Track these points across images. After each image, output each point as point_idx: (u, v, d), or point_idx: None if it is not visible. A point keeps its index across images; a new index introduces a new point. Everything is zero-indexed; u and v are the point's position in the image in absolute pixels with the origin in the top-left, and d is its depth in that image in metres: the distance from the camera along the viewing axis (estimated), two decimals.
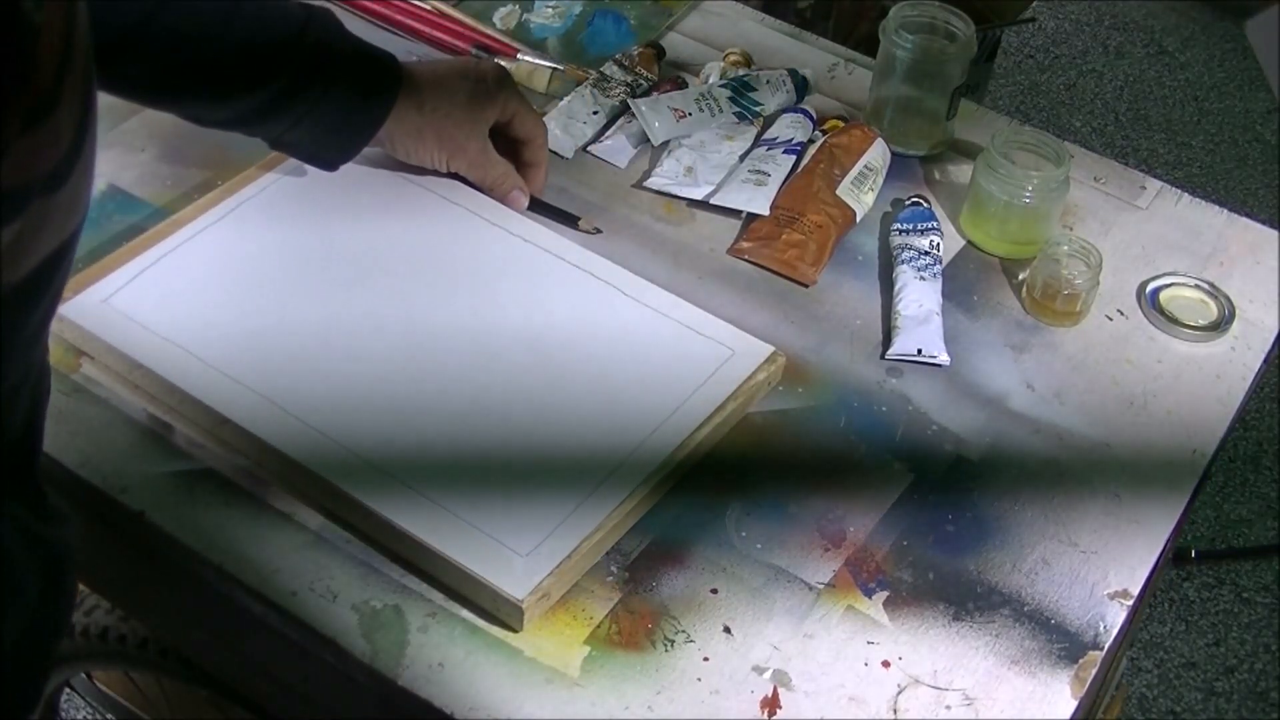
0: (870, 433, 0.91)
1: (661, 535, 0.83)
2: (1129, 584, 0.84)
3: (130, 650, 1.09)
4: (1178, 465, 0.91)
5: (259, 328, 0.89)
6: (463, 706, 0.74)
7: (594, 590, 0.80)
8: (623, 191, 1.07)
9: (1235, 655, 1.86)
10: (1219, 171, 2.64)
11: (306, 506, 0.83)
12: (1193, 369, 0.98)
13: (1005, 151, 1.03)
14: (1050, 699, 0.78)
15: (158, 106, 0.97)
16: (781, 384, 0.93)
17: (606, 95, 1.12)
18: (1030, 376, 0.96)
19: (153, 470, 0.84)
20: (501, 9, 1.22)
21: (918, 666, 0.79)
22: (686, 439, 0.86)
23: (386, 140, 0.97)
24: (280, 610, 0.78)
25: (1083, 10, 3.01)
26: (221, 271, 0.93)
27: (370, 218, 0.98)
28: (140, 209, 1.00)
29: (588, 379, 0.88)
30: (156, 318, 0.89)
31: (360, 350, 0.89)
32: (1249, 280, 1.05)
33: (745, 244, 1.03)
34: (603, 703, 0.75)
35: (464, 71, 0.98)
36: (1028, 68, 2.85)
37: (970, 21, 1.10)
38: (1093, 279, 0.99)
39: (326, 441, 0.83)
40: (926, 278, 0.99)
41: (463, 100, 0.97)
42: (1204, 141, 2.71)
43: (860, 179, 1.06)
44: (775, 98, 1.14)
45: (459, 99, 0.97)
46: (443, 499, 0.81)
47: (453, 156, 0.99)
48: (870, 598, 0.82)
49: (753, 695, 0.76)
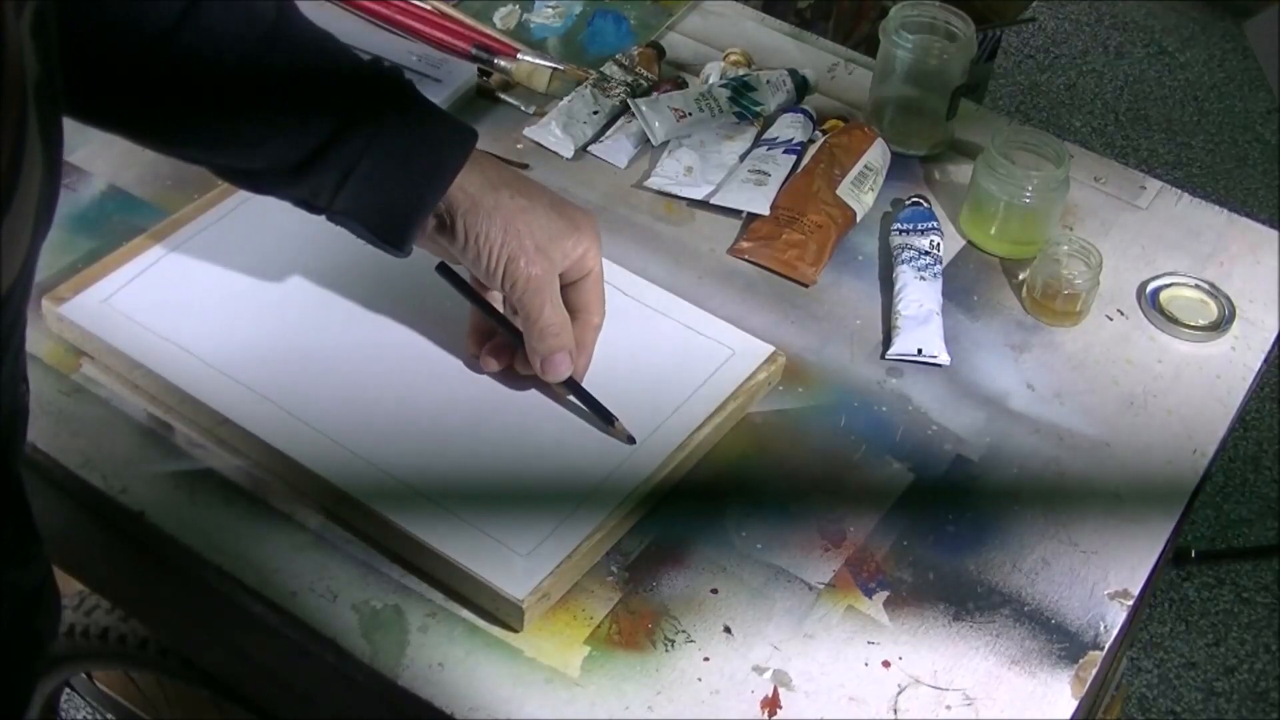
0: (870, 433, 0.91)
1: (661, 535, 0.83)
2: (1129, 584, 0.84)
3: (130, 650, 1.09)
4: (1178, 465, 0.91)
5: (259, 328, 0.89)
6: (463, 706, 0.74)
7: (594, 590, 0.80)
8: (623, 191, 1.07)
9: (1235, 655, 1.86)
10: (1219, 171, 2.64)
11: (306, 506, 0.83)
12: (1193, 369, 0.98)
13: (1005, 151, 1.03)
14: (1050, 699, 0.78)
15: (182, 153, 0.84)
16: (781, 384, 0.93)
17: (606, 95, 1.12)
18: (1030, 376, 0.96)
19: (153, 470, 0.84)
20: (501, 9, 1.22)
21: (918, 666, 0.79)
22: (686, 439, 0.86)
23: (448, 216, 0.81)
24: (280, 610, 0.78)
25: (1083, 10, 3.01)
26: (221, 271, 0.93)
27: None
28: (140, 209, 1.00)
29: (588, 379, 0.88)
30: (156, 318, 0.89)
31: (360, 350, 0.89)
32: (1249, 280, 1.05)
33: (745, 244, 1.03)
34: (603, 703, 0.75)
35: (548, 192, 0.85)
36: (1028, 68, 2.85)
37: (970, 21, 1.10)
38: (1093, 279, 0.99)
39: (326, 442, 0.83)
40: (926, 278, 0.99)
41: (545, 205, 0.83)
42: (1204, 141, 2.71)
43: (860, 179, 1.06)
44: (775, 98, 1.14)
45: (542, 202, 0.83)
46: (443, 499, 0.81)
47: (514, 262, 0.81)
48: (870, 598, 0.82)
49: (753, 695, 0.76)
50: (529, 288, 0.81)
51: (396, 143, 0.79)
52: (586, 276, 0.85)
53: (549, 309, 0.82)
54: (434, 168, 0.80)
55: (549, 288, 0.82)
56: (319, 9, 1.14)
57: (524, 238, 0.81)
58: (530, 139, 1.10)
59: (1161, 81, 2.85)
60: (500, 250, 0.81)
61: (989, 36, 2.18)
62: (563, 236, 0.82)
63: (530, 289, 0.81)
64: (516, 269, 0.81)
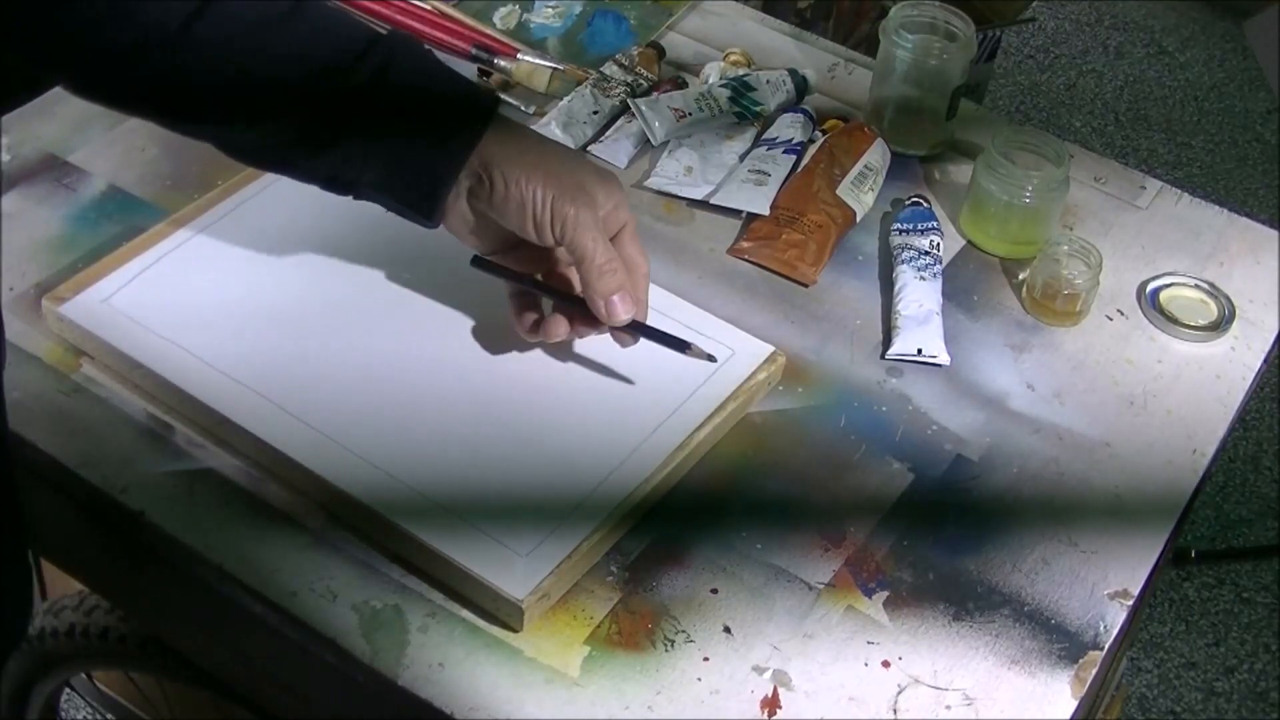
0: (870, 433, 0.91)
1: (661, 535, 0.83)
2: (1129, 584, 0.84)
3: (130, 650, 1.09)
4: (1178, 465, 0.91)
5: (259, 328, 0.89)
6: (463, 706, 0.74)
7: (594, 590, 0.80)
8: None
9: (1235, 655, 1.86)
10: (1219, 171, 2.64)
11: (306, 506, 0.83)
12: (1193, 369, 0.98)
13: (1005, 151, 1.04)
14: (1050, 699, 0.78)
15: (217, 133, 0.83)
16: (781, 384, 0.93)
17: (606, 95, 1.12)
18: (1030, 376, 0.96)
19: (153, 470, 0.84)
20: (501, 9, 1.22)
21: (918, 666, 0.79)
22: (687, 439, 0.86)
23: (483, 172, 0.80)
24: (280, 610, 0.78)
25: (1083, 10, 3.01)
26: (221, 271, 0.93)
27: (371, 219, 0.98)
28: (140, 209, 1.00)
29: (588, 378, 0.88)
30: (156, 318, 0.89)
31: (360, 350, 0.89)
32: (1249, 280, 1.05)
33: (745, 244, 1.03)
34: (603, 703, 0.75)
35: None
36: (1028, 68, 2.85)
37: (970, 21, 1.10)
38: (1093, 279, 0.99)
39: (326, 442, 0.83)
40: (926, 278, 0.99)
41: (574, 153, 0.85)
42: (1204, 141, 2.71)
43: (860, 179, 1.06)
44: (775, 98, 1.14)
45: (569, 151, 0.86)
46: (443, 499, 0.81)
47: (560, 201, 0.80)
48: (870, 598, 0.82)
49: (753, 695, 0.76)
50: (580, 225, 0.81)
51: (422, 107, 0.79)
52: (623, 229, 0.85)
53: (603, 245, 0.82)
54: (459, 129, 0.80)
55: (597, 226, 0.82)
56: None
57: (564, 179, 0.81)
58: None
59: (1161, 81, 2.85)
60: (544, 192, 0.80)
61: (989, 36, 2.18)
62: (599, 183, 0.83)
63: (581, 226, 0.81)
64: (565, 209, 0.80)
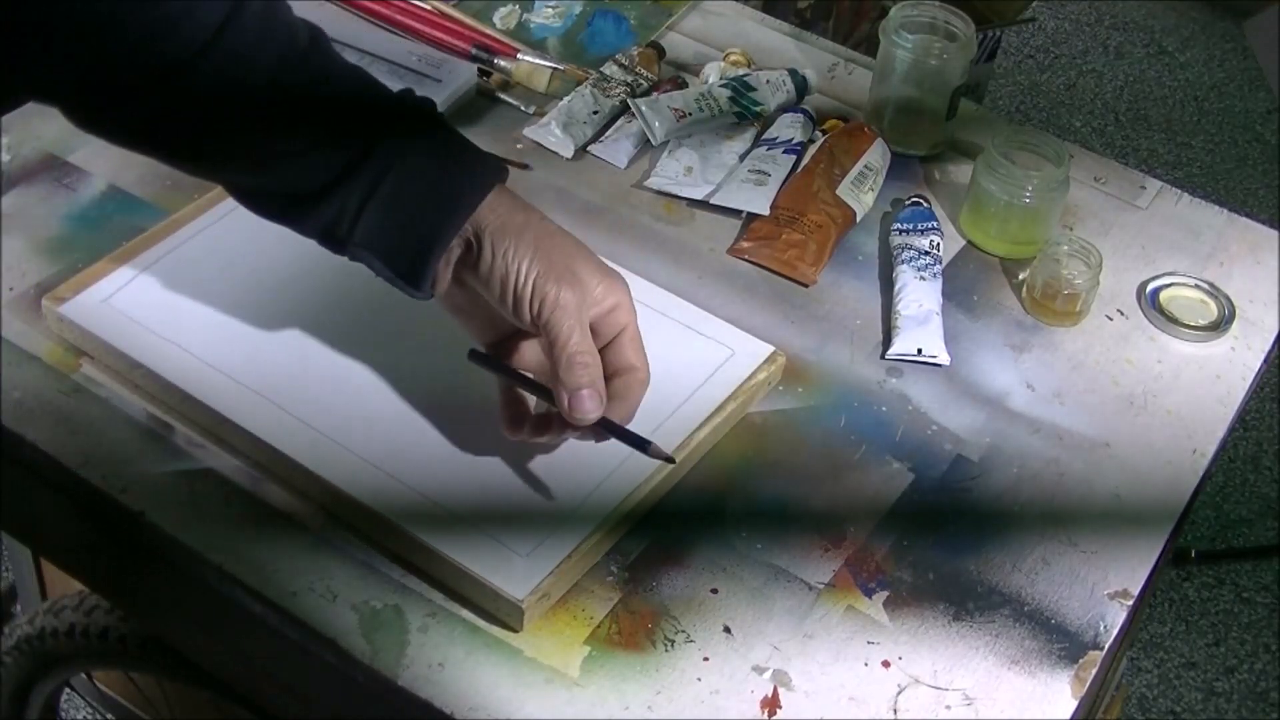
0: (870, 433, 0.91)
1: (661, 535, 0.83)
2: (1129, 584, 0.84)
3: (130, 650, 1.09)
4: (1178, 465, 0.91)
5: (259, 327, 0.89)
6: (463, 706, 0.74)
7: (594, 590, 0.80)
8: (623, 191, 1.07)
9: (1235, 655, 1.87)
10: (1219, 171, 2.64)
11: (306, 506, 0.83)
12: (1193, 369, 0.98)
13: (1005, 151, 1.04)
14: (1050, 699, 0.78)
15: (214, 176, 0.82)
16: (781, 384, 0.93)
17: (606, 95, 1.12)
18: (1030, 376, 0.96)
19: (153, 470, 0.84)
20: (501, 9, 1.22)
21: (918, 666, 0.79)
22: (686, 439, 0.86)
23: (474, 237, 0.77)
24: (280, 610, 0.78)
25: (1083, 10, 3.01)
26: (221, 271, 0.93)
27: None
28: (140, 209, 1.00)
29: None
30: (156, 318, 0.89)
31: (360, 351, 0.89)
32: (1249, 280, 1.05)
33: (745, 244, 1.03)
34: (603, 703, 0.75)
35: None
36: (1028, 68, 2.85)
37: (970, 21, 1.10)
38: (1093, 279, 0.99)
39: (326, 442, 0.83)
40: (926, 278, 0.99)
41: (576, 241, 0.79)
42: (1204, 141, 2.71)
43: (860, 179, 1.06)
44: (775, 98, 1.14)
45: (573, 238, 0.79)
46: (443, 499, 0.81)
47: (543, 279, 0.76)
48: (870, 598, 0.82)
49: (753, 695, 0.76)
50: (559, 306, 0.76)
51: (424, 164, 0.76)
52: (623, 332, 0.79)
53: (579, 334, 0.76)
54: (458, 193, 0.76)
55: (579, 314, 0.77)
56: (319, 9, 1.15)
57: (554, 257, 0.76)
58: (530, 139, 1.10)
59: (1161, 81, 2.85)
60: (529, 267, 0.76)
61: (989, 36, 2.18)
62: (595, 273, 0.78)
63: (559, 309, 0.76)
64: (546, 287, 0.76)
